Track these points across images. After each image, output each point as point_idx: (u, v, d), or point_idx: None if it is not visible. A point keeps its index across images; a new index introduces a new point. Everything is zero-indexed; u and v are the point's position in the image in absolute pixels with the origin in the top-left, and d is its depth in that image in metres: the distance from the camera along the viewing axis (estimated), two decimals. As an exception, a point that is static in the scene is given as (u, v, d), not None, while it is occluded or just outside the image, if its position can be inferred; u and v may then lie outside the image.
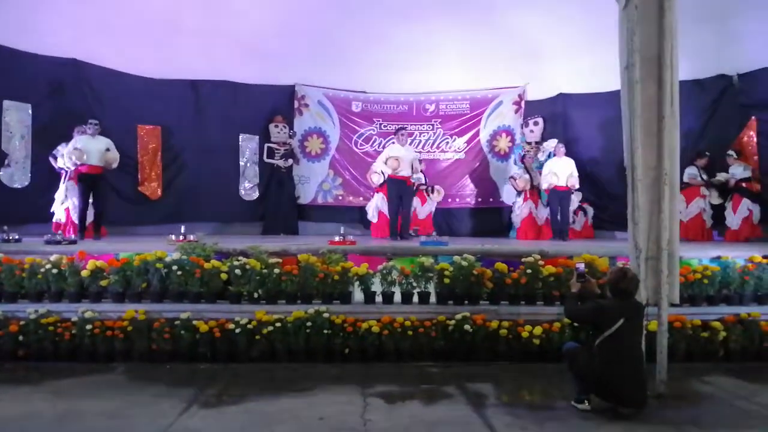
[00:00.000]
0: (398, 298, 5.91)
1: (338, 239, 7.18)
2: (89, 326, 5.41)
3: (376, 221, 10.28)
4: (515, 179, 10.79)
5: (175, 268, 5.73)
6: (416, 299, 5.91)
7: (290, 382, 4.89)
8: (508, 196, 11.44)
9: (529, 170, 10.70)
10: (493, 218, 11.67)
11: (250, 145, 11.49)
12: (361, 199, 11.52)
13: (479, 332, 5.49)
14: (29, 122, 9.41)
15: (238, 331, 5.41)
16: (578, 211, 10.79)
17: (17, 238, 6.86)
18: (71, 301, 5.76)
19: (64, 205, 8.88)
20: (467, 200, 11.85)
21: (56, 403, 4.31)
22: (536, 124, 11.30)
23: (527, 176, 10.60)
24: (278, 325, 5.43)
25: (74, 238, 7.74)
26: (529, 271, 5.84)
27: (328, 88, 11.92)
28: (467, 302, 5.84)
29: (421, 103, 12.04)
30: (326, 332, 5.44)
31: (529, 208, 10.48)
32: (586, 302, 4.35)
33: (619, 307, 4.11)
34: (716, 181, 9.56)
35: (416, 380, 4.96)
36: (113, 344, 5.41)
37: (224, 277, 5.78)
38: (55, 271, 5.76)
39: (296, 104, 11.85)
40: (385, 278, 5.87)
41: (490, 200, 11.76)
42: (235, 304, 5.78)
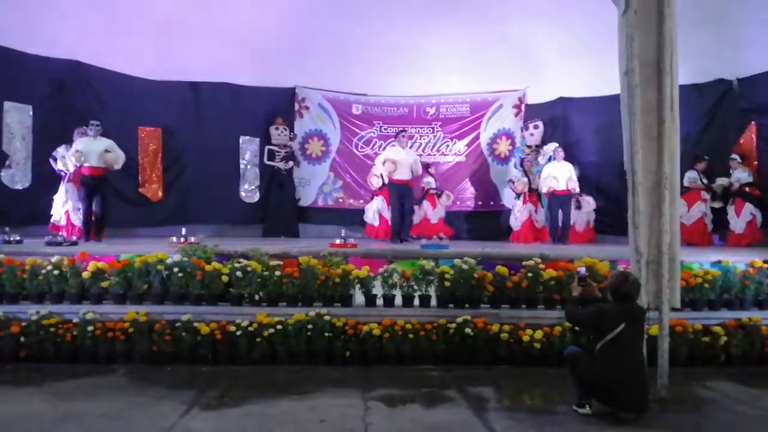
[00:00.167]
0: (399, 301, 5.92)
1: (339, 242, 7.18)
2: (90, 328, 5.41)
3: (377, 224, 10.29)
4: (513, 182, 10.81)
5: (176, 269, 5.74)
6: (417, 302, 5.92)
7: (291, 384, 4.90)
8: (508, 199, 11.46)
9: (527, 173, 10.71)
10: (493, 221, 11.68)
11: (250, 147, 11.49)
12: (361, 201, 11.52)
13: (480, 336, 5.49)
14: (30, 123, 9.41)
15: (239, 333, 5.42)
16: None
17: (18, 239, 6.86)
18: (72, 302, 5.77)
19: (64, 207, 8.88)
20: (467, 203, 11.86)
21: (57, 404, 4.31)
22: (536, 127, 11.31)
23: (525, 179, 10.61)
24: (279, 327, 5.43)
25: (75, 239, 7.75)
26: (529, 274, 5.85)
27: (328, 90, 11.94)
28: (468, 305, 5.84)
29: (421, 106, 12.06)
30: (327, 335, 5.44)
31: (528, 211, 10.49)
32: (587, 306, 4.35)
33: (620, 311, 4.12)
34: (717, 186, 9.56)
35: (417, 383, 4.96)
36: (114, 346, 5.41)
37: (225, 279, 5.79)
38: (56, 272, 5.76)
39: (297, 106, 11.87)
40: (386, 281, 5.88)
41: (490, 203, 11.77)
42: (236, 306, 5.79)
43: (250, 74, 11.16)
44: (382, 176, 9.89)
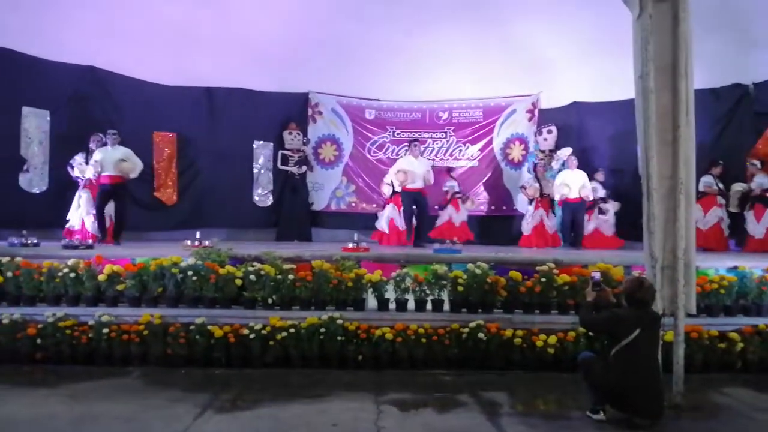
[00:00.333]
0: (412, 305, 5.90)
1: (352, 246, 7.20)
2: (106, 330, 5.46)
3: (387, 231, 10.31)
4: (525, 188, 10.79)
5: (190, 273, 5.77)
6: (430, 307, 5.90)
7: (304, 388, 4.91)
8: (522, 204, 11.41)
9: (539, 179, 10.67)
10: (506, 226, 11.64)
11: (264, 151, 11.57)
12: (374, 206, 11.55)
13: (493, 340, 5.46)
14: (47, 128, 9.55)
15: (252, 336, 5.43)
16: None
17: (35, 242, 6.94)
18: (88, 305, 5.81)
19: (78, 212, 8.99)
20: (480, 208, 11.84)
21: (73, 406, 4.35)
22: (550, 132, 11.27)
23: (537, 185, 10.57)
24: (292, 331, 5.45)
25: (91, 242, 7.83)
26: (543, 279, 5.81)
27: (341, 95, 12.01)
28: (481, 310, 5.82)
29: (434, 110, 12.07)
30: (340, 339, 5.44)
31: (540, 216, 10.45)
32: (601, 311, 4.32)
33: (635, 316, 4.08)
34: (735, 192, 9.45)
35: (430, 388, 4.95)
36: (129, 348, 5.45)
37: (239, 282, 5.81)
38: (72, 275, 5.82)
39: (310, 112, 11.94)
40: (398, 285, 5.87)
41: (503, 208, 11.74)
42: (249, 309, 5.81)
43: (264, 80, 11.26)
44: (392, 184, 9.94)
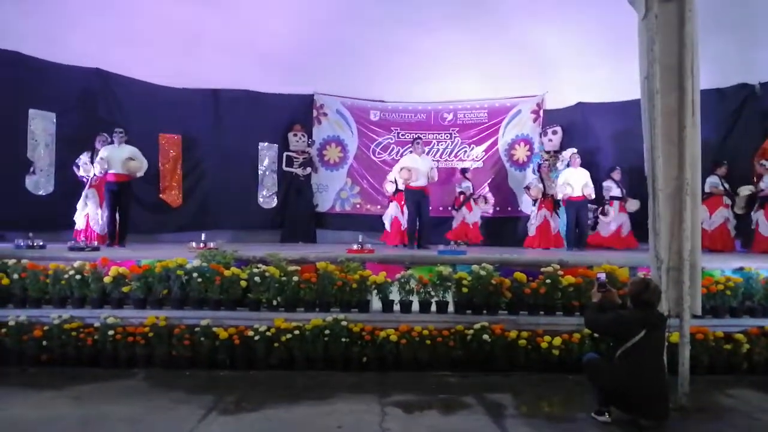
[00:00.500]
0: (416, 307, 5.91)
1: (356, 247, 7.19)
2: (111, 332, 5.49)
3: (390, 230, 10.32)
4: (529, 188, 10.77)
5: (195, 275, 5.80)
6: (434, 308, 5.90)
7: (308, 389, 4.91)
8: (526, 205, 11.39)
9: (543, 179, 10.64)
10: (511, 227, 11.61)
11: (269, 153, 11.59)
12: (378, 207, 11.54)
13: (498, 342, 5.46)
14: (54, 131, 9.59)
15: (257, 338, 5.45)
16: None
17: (41, 244, 6.97)
18: (94, 307, 5.85)
19: (83, 212, 9.01)
20: (485, 209, 11.80)
21: (79, 407, 4.38)
22: (555, 133, 11.23)
23: (540, 185, 10.54)
24: (297, 332, 5.46)
25: (97, 244, 7.86)
26: (548, 281, 5.80)
27: (346, 97, 12.01)
28: (486, 312, 5.82)
29: (439, 112, 12.06)
30: (344, 340, 5.45)
31: (543, 216, 10.43)
32: (606, 313, 4.31)
33: (640, 318, 4.07)
34: (741, 198, 9.39)
35: (434, 390, 4.95)
36: (134, 350, 5.48)
37: (244, 284, 5.83)
38: (78, 277, 5.85)
39: (315, 113, 11.95)
40: (403, 287, 5.87)
41: (508, 209, 11.70)
42: (254, 311, 5.82)
43: (268, 81, 11.26)
44: (396, 182, 9.94)
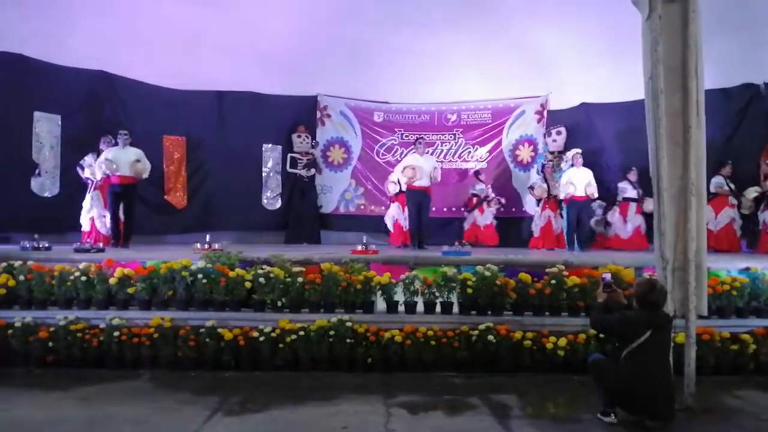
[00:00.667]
0: (421, 307, 5.90)
1: (361, 248, 7.19)
2: (117, 333, 5.50)
3: (392, 230, 10.31)
4: (533, 189, 10.76)
5: (200, 276, 5.81)
6: (439, 309, 5.90)
7: (313, 390, 4.92)
8: (530, 205, 11.38)
9: (547, 180, 10.63)
10: (515, 228, 11.59)
11: (273, 154, 11.60)
12: (383, 208, 11.53)
13: (503, 343, 5.45)
14: (59, 133, 9.62)
15: (261, 339, 5.46)
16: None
17: (47, 246, 6.99)
18: (99, 308, 5.86)
19: (89, 214, 9.04)
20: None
21: (84, 408, 4.39)
22: (559, 133, 11.22)
23: (544, 185, 10.54)
24: (301, 333, 5.47)
25: (102, 246, 7.88)
26: (553, 281, 5.79)
27: (350, 98, 12.01)
28: (490, 312, 5.81)
29: (442, 112, 12.05)
30: (349, 341, 5.46)
31: (547, 217, 10.42)
32: (612, 313, 4.30)
33: (646, 318, 4.06)
34: (746, 201, 9.36)
35: (439, 390, 4.95)
36: (140, 351, 5.50)
37: (248, 285, 5.84)
38: (83, 278, 5.86)
39: (319, 114, 11.96)
40: (407, 288, 5.87)
41: (512, 210, 11.67)
42: (258, 312, 5.83)
43: (272, 83, 11.28)
44: (399, 183, 9.95)
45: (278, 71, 11.05)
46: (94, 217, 9.00)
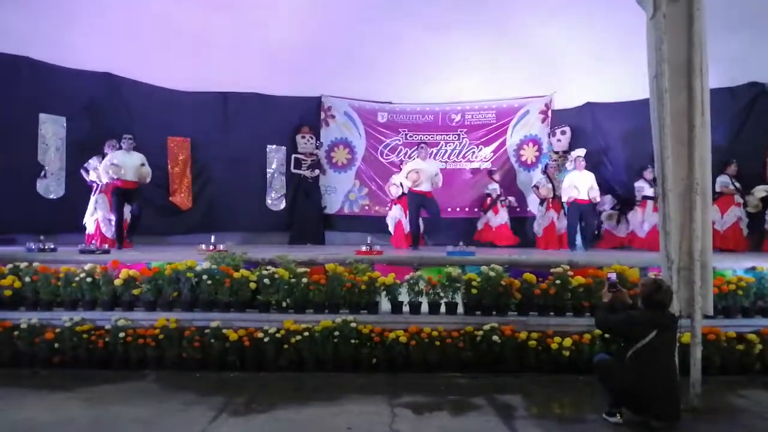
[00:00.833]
0: (425, 308, 5.90)
1: (365, 249, 7.19)
2: (122, 334, 5.52)
3: (393, 232, 10.30)
4: (538, 188, 10.74)
5: (205, 277, 5.82)
6: (443, 309, 5.90)
7: (318, 391, 4.92)
8: (533, 205, 11.35)
9: (552, 180, 10.62)
10: (520, 228, 11.57)
11: (277, 155, 11.62)
12: (386, 209, 11.52)
13: (508, 343, 5.44)
14: (64, 135, 9.67)
15: (266, 340, 5.47)
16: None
17: (53, 247, 7.02)
18: (104, 309, 5.88)
19: (93, 217, 9.07)
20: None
21: (90, 409, 4.41)
22: (563, 133, 11.20)
23: (550, 185, 10.52)
24: (306, 334, 5.47)
25: (107, 247, 7.90)
26: (558, 281, 5.78)
27: (354, 99, 12.02)
28: (495, 313, 5.80)
29: (446, 113, 12.04)
30: (353, 342, 5.46)
31: (551, 217, 10.40)
32: (617, 313, 4.29)
33: (651, 318, 4.05)
34: (753, 202, 9.32)
35: (444, 391, 4.94)
36: (145, 352, 5.51)
37: (253, 286, 5.85)
38: (89, 279, 5.88)
39: (323, 115, 11.97)
40: (412, 288, 5.87)
41: (517, 210, 11.66)
42: (263, 313, 5.84)
43: (277, 84, 11.29)
44: (401, 185, 9.95)
45: (282, 72, 11.05)
46: (98, 219, 9.03)
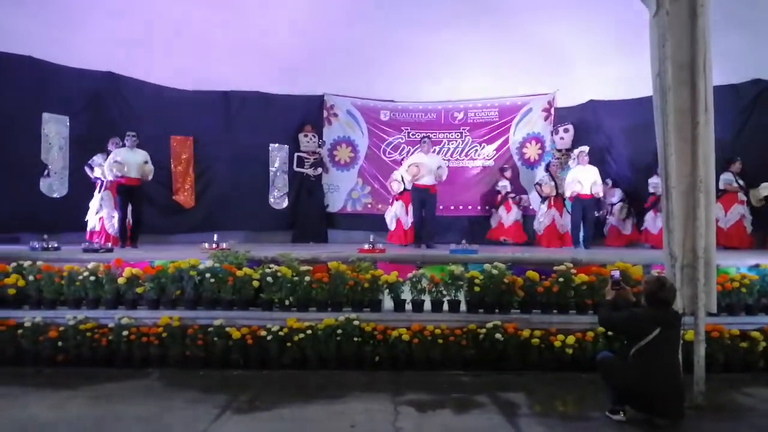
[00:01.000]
0: (428, 306, 5.89)
1: (368, 247, 7.20)
2: (125, 332, 5.53)
3: (393, 229, 10.30)
4: (540, 185, 10.73)
5: (208, 275, 5.82)
6: (446, 307, 5.89)
7: (321, 389, 4.92)
8: (534, 202, 11.34)
9: (554, 177, 10.61)
10: (523, 225, 11.57)
11: (279, 154, 11.64)
12: (389, 207, 11.54)
13: (510, 341, 5.44)
14: (67, 134, 9.70)
15: (269, 338, 5.47)
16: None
17: (56, 246, 7.03)
18: (108, 307, 5.89)
19: (98, 214, 9.09)
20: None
21: (94, 407, 4.41)
22: (566, 131, 11.19)
23: (552, 183, 10.52)
24: (309, 332, 5.47)
25: (111, 246, 7.92)
26: (561, 279, 5.77)
27: (356, 97, 12.03)
28: (498, 311, 5.80)
29: (449, 111, 12.04)
30: (356, 340, 5.46)
31: (552, 216, 10.39)
32: (620, 311, 4.29)
33: (654, 316, 4.04)
34: (757, 198, 9.29)
35: (447, 389, 4.94)
36: (148, 350, 5.52)
37: (256, 284, 5.85)
38: (92, 278, 5.89)
39: (325, 114, 11.98)
40: (414, 286, 5.86)
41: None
42: (266, 311, 5.84)
43: (279, 83, 11.31)
44: (403, 180, 9.94)
45: (285, 71, 11.07)
46: (104, 217, 9.05)
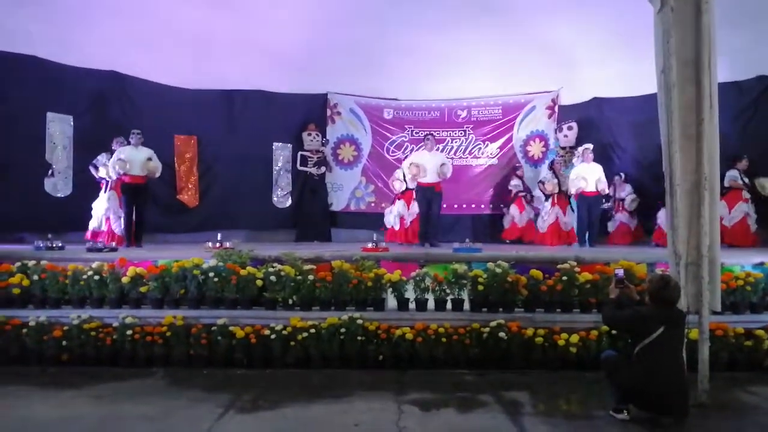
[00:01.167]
0: (432, 305, 5.89)
1: (371, 246, 7.20)
2: (129, 331, 5.54)
3: (397, 228, 10.28)
4: (543, 183, 10.71)
5: (211, 274, 5.83)
6: (450, 306, 5.88)
7: (325, 388, 4.92)
8: (539, 200, 11.31)
9: (557, 175, 10.58)
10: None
11: (283, 153, 11.65)
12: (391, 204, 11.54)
13: (514, 340, 5.42)
14: (71, 133, 9.73)
15: (273, 337, 5.47)
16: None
17: (60, 245, 7.05)
18: (112, 307, 5.90)
19: (104, 214, 9.11)
20: (500, 206, 11.76)
21: (98, 406, 4.42)
22: (570, 128, 11.16)
23: (556, 181, 10.49)
24: (312, 331, 5.47)
25: (115, 245, 7.94)
26: (564, 278, 5.75)
27: (359, 96, 12.04)
28: (501, 309, 5.78)
29: (452, 109, 12.03)
30: (360, 339, 5.45)
31: (555, 214, 10.37)
32: (624, 309, 4.27)
33: (658, 314, 4.02)
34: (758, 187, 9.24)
35: (450, 388, 4.93)
36: (152, 349, 5.52)
37: (259, 283, 5.85)
38: (96, 277, 5.90)
39: (329, 112, 11.99)
40: (418, 285, 5.86)
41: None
42: (270, 310, 5.84)
43: (282, 81, 11.33)
44: (405, 180, 9.93)
45: (288, 70, 11.08)
46: (110, 216, 9.07)
